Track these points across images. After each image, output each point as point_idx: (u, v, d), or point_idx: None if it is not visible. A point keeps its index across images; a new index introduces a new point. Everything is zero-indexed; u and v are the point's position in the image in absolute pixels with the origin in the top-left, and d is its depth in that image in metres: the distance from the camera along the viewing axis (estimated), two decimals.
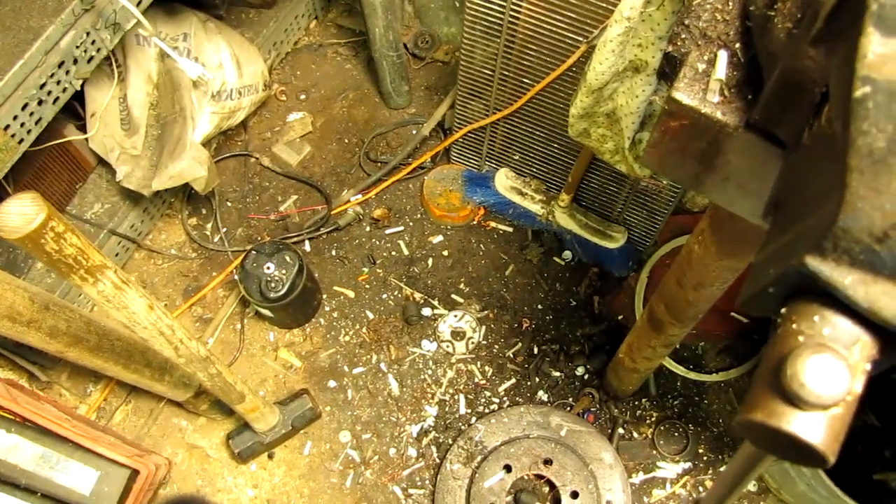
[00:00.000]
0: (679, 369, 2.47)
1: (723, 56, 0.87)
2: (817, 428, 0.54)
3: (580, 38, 1.99)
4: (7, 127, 1.83)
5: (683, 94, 0.87)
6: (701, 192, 1.00)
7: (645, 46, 1.35)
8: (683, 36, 0.90)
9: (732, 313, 2.43)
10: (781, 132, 0.81)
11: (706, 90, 0.86)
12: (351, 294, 2.65)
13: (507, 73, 2.27)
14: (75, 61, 1.95)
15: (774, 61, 0.78)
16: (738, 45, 0.88)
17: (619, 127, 1.56)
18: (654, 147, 0.96)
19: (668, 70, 0.92)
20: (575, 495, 2.23)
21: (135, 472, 2.08)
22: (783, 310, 0.60)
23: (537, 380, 2.49)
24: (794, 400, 0.54)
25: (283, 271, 2.31)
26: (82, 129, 2.43)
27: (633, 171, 1.71)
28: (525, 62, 2.18)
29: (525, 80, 2.25)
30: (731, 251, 1.29)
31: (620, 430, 2.41)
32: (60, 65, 1.90)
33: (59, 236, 1.16)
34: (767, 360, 0.58)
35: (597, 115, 1.66)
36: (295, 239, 2.69)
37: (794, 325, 0.58)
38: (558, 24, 1.99)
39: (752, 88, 0.86)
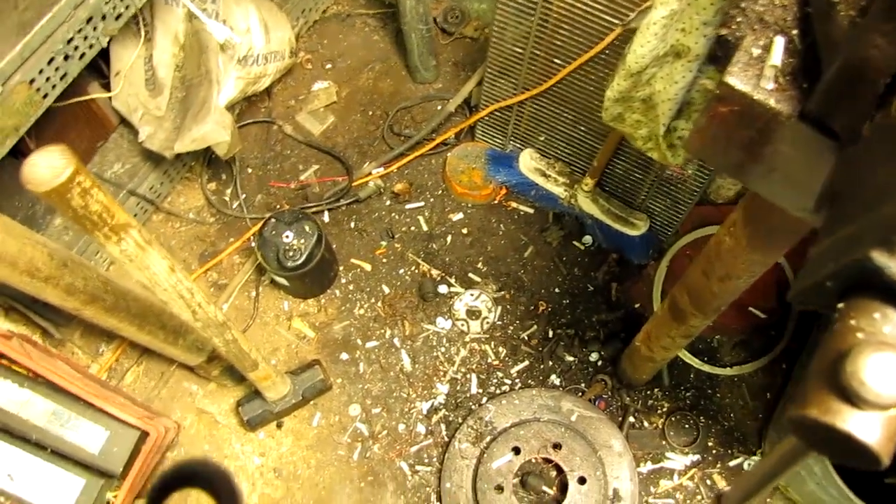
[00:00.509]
0: (693, 361, 2.45)
1: (779, 42, 0.84)
2: (874, 428, 0.52)
3: (616, 21, 1.95)
4: (32, 81, 1.82)
5: (736, 78, 0.84)
6: (744, 182, 0.98)
7: (689, 31, 1.32)
8: (739, 19, 0.87)
9: (750, 308, 2.41)
10: (837, 123, 0.79)
11: (760, 76, 0.84)
12: (368, 267, 2.64)
13: (538, 52, 2.24)
14: (104, 17, 1.92)
15: (835, 50, 0.76)
16: (795, 32, 0.85)
17: (654, 113, 1.53)
18: (700, 132, 0.94)
19: (720, 54, 0.89)
20: (582, 481, 2.23)
21: (144, 434, 2.08)
22: (840, 305, 0.58)
23: (550, 363, 2.48)
24: (852, 398, 0.52)
25: (302, 241, 2.30)
26: (106, 87, 2.41)
27: (665, 158, 1.68)
28: (557, 42, 2.15)
29: (556, 60, 2.21)
30: (763, 244, 1.27)
31: (631, 419, 2.40)
32: (89, 20, 1.88)
33: (86, 192, 1.14)
34: (823, 355, 0.56)
35: (633, 99, 1.63)
36: (314, 209, 2.67)
37: (852, 322, 0.56)
38: (594, 4, 1.96)
39: (808, 77, 0.83)
